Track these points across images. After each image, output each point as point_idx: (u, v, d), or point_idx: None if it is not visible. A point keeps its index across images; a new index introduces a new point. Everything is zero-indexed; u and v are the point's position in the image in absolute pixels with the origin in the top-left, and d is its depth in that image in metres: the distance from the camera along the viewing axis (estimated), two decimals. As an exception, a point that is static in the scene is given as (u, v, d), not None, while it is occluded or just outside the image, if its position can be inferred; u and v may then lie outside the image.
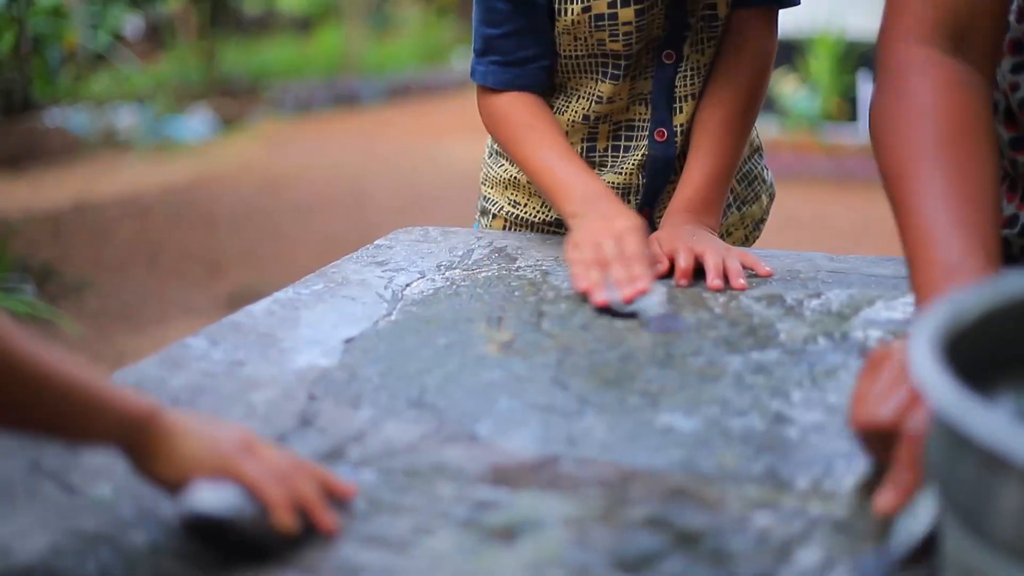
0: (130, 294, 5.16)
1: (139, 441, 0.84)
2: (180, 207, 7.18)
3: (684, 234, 1.47)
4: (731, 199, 1.67)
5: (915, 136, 1.06)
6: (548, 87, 1.61)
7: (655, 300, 1.34)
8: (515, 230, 1.72)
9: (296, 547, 0.82)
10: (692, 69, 1.58)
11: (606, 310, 1.31)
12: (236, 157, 8.99)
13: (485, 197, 1.76)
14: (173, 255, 5.91)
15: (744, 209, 1.71)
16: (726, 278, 1.40)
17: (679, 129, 1.60)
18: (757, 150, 1.73)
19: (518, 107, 1.57)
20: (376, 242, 1.64)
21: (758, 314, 1.30)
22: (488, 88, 1.60)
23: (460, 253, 1.57)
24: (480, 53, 1.59)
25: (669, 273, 1.43)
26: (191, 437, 0.85)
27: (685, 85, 1.58)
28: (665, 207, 1.62)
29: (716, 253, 1.43)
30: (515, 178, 1.70)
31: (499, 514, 0.87)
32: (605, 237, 1.38)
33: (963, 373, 0.66)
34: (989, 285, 0.73)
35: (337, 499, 0.88)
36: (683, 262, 1.41)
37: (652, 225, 1.63)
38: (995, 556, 0.59)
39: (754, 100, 1.60)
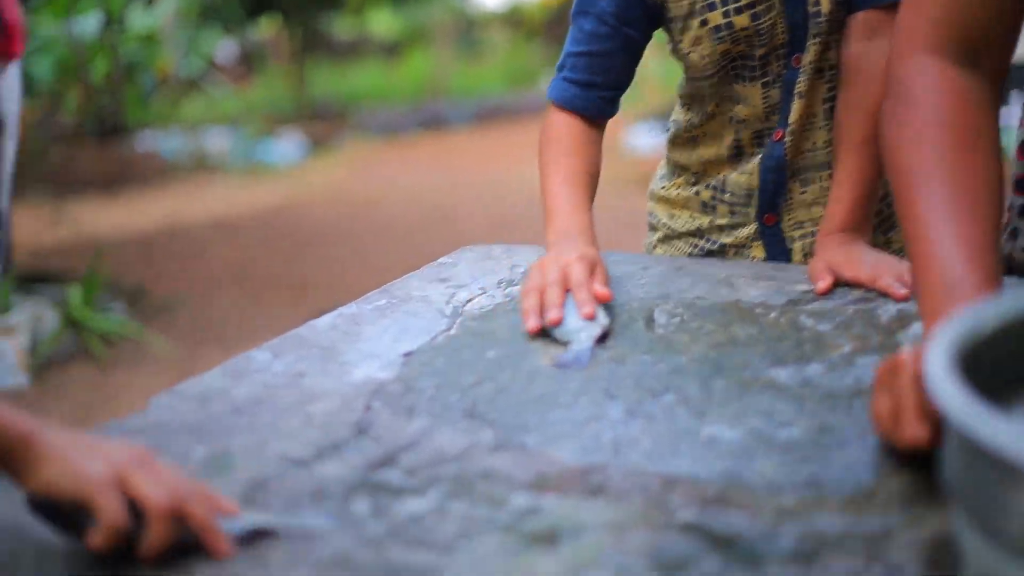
0: (219, 314, 5.26)
1: (11, 459, 0.87)
2: (269, 229, 7.30)
3: (865, 257, 1.48)
4: (877, 221, 1.65)
5: (923, 148, 1.06)
6: (608, 115, 1.65)
7: (585, 334, 1.29)
8: (669, 241, 1.77)
9: (346, 545, 0.86)
10: (800, 69, 1.59)
11: (543, 333, 1.32)
12: (324, 180, 9.12)
13: (650, 212, 1.83)
14: (261, 276, 6.01)
15: (891, 235, 1.69)
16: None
17: (790, 127, 1.62)
18: None
19: (564, 133, 1.62)
20: (440, 260, 1.68)
21: (808, 328, 1.31)
22: (554, 103, 1.64)
23: (521, 270, 1.59)
24: (558, 68, 1.66)
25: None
26: (56, 464, 0.86)
27: (796, 84, 1.60)
28: (790, 215, 1.66)
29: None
30: (671, 193, 1.76)
31: (542, 519, 0.89)
32: (551, 265, 1.40)
33: (980, 385, 0.67)
34: (1006, 300, 0.74)
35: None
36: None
37: (781, 235, 1.66)
38: (1011, 559, 0.61)
39: None
